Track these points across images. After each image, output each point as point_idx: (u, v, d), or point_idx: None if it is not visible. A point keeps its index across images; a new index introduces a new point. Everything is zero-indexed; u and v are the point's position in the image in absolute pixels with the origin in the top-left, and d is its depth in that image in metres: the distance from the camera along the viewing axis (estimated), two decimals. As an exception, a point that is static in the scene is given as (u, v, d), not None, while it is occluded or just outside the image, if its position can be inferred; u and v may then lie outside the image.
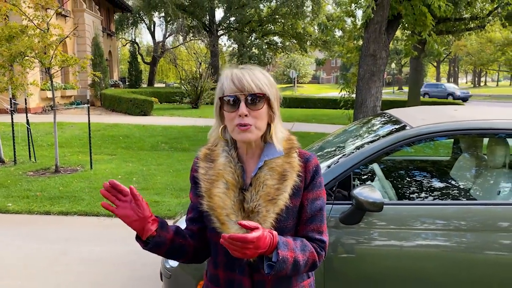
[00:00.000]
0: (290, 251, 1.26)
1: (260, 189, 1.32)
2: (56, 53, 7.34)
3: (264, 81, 1.33)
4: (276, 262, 1.22)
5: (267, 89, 1.32)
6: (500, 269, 2.33)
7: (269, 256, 1.24)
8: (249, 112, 1.30)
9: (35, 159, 8.57)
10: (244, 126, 1.29)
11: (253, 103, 1.30)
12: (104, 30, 25.49)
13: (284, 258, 1.23)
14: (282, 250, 1.23)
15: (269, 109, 1.35)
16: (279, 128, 1.38)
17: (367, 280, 2.40)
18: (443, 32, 17.45)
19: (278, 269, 1.23)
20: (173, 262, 2.83)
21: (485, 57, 48.19)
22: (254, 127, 1.31)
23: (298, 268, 1.29)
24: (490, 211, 2.42)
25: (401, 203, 2.68)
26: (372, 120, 3.39)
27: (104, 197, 1.28)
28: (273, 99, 1.35)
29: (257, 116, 1.31)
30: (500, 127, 2.57)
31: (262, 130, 1.34)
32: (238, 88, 1.30)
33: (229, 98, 1.31)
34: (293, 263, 1.25)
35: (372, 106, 8.11)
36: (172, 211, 5.45)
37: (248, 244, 1.15)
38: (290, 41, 34.17)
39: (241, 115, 1.29)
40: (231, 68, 1.36)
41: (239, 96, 1.30)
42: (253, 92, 1.30)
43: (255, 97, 1.30)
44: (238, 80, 1.30)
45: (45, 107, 17.77)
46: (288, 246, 1.26)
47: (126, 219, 1.29)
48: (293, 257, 1.25)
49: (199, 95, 20.78)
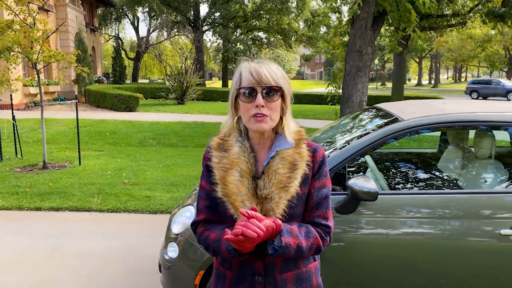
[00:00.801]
0: (294, 238, 1.36)
1: (273, 177, 1.41)
2: (43, 48, 7.28)
3: (280, 75, 1.41)
4: (279, 247, 1.33)
5: (282, 83, 1.41)
6: (485, 255, 2.47)
7: (273, 240, 1.35)
8: (265, 104, 1.37)
9: (21, 156, 8.48)
10: (260, 117, 1.37)
11: (269, 95, 1.38)
12: (87, 25, 25.14)
13: (287, 244, 1.34)
14: (285, 237, 1.34)
15: (283, 102, 1.43)
16: (290, 121, 1.47)
17: (361, 267, 2.52)
18: (426, 29, 17.75)
19: (281, 253, 1.34)
20: (172, 253, 2.89)
21: (465, 53, 49.05)
22: (269, 118, 1.39)
23: (302, 252, 1.39)
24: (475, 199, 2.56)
25: (394, 193, 2.79)
26: (364, 113, 3.49)
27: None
28: (286, 93, 1.43)
29: (272, 108, 1.39)
30: (488, 120, 2.69)
31: (275, 122, 1.42)
32: (256, 80, 1.38)
33: (246, 89, 1.39)
34: (296, 248, 1.37)
35: (359, 101, 8.25)
36: (164, 205, 5.49)
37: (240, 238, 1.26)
38: (275, 37, 34.26)
39: (258, 106, 1.37)
40: (249, 61, 1.44)
41: (257, 88, 1.38)
42: (270, 85, 1.38)
43: (272, 90, 1.38)
44: (256, 73, 1.38)
45: (28, 103, 17.50)
46: (292, 233, 1.37)
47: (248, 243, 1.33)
48: (296, 243, 1.36)
49: (185, 91, 20.70)
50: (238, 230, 1.24)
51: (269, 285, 1.44)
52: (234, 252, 1.36)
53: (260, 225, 1.27)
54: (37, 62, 7.31)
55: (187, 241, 2.79)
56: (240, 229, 1.25)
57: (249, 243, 1.28)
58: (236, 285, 1.48)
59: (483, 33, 45.07)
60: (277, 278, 1.44)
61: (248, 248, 1.32)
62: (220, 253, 1.43)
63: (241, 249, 1.33)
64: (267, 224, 1.30)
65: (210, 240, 1.46)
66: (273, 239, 1.35)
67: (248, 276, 1.45)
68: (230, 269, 1.50)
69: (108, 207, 5.44)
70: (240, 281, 1.47)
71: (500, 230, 2.43)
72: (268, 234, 1.31)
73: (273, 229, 1.32)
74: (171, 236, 2.93)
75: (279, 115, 1.43)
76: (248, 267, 1.45)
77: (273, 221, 1.33)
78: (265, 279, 1.44)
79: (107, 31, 37.32)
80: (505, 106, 2.92)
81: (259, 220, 1.28)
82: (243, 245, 1.29)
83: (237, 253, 1.36)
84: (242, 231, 1.24)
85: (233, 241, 1.27)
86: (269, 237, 1.33)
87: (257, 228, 1.25)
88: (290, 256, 1.38)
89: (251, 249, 1.34)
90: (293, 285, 1.46)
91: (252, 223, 1.26)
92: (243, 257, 1.39)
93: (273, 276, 1.44)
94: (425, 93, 33.57)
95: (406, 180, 3.33)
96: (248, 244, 1.29)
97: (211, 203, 1.50)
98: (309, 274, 1.50)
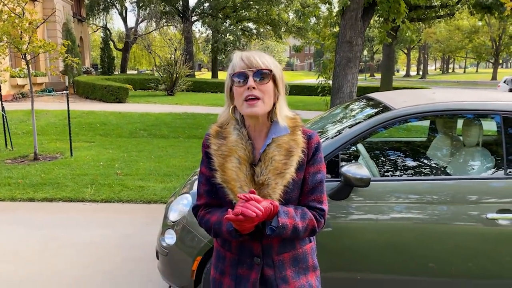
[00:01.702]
0: (290, 219, 1.44)
1: (269, 164, 1.47)
2: (33, 39, 7.21)
3: (270, 61, 1.49)
4: (276, 227, 1.41)
5: (273, 66, 1.48)
6: (472, 239, 2.57)
7: (270, 221, 1.42)
8: (256, 86, 1.44)
9: (12, 147, 8.43)
10: (252, 100, 1.43)
11: (260, 77, 1.45)
12: (75, 16, 24.80)
13: (284, 224, 1.42)
14: (282, 218, 1.42)
15: (275, 87, 1.49)
16: (283, 108, 1.53)
17: (352, 252, 2.61)
18: (415, 20, 17.86)
19: (278, 233, 1.42)
20: (169, 240, 2.95)
21: (453, 44, 49.49)
22: (261, 102, 1.45)
23: (298, 233, 1.47)
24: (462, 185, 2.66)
25: (385, 180, 2.88)
26: (356, 103, 3.57)
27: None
28: (278, 78, 1.50)
29: (264, 90, 1.45)
30: (475, 108, 2.78)
31: (268, 106, 1.48)
32: (246, 65, 1.45)
33: (238, 74, 1.46)
34: (292, 228, 1.44)
35: (349, 92, 8.34)
36: (158, 195, 5.54)
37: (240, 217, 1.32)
38: (264, 28, 34.17)
39: (250, 88, 1.43)
40: (241, 51, 1.52)
41: (248, 72, 1.45)
42: (260, 68, 1.45)
43: (262, 73, 1.45)
44: (247, 58, 1.46)
45: (16, 94, 17.30)
46: (289, 214, 1.45)
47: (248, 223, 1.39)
48: (292, 223, 1.44)
49: (175, 82, 20.60)
50: (238, 210, 1.31)
51: (267, 265, 1.52)
52: (235, 232, 1.43)
53: (258, 205, 1.34)
54: (26, 52, 7.25)
55: (184, 228, 2.85)
56: (240, 209, 1.31)
57: (248, 223, 1.35)
58: (235, 266, 1.55)
59: (470, 25, 45.45)
60: (275, 259, 1.52)
61: (248, 228, 1.39)
62: (221, 234, 1.49)
63: (241, 229, 1.39)
64: (265, 206, 1.37)
65: (212, 223, 1.52)
66: (270, 220, 1.42)
67: (247, 258, 1.53)
68: (230, 250, 1.57)
69: (102, 198, 5.47)
70: (239, 262, 1.54)
71: (487, 214, 2.53)
72: (266, 215, 1.38)
73: (271, 211, 1.39)
74: (168, 224, 2.99)
75: (272, 100, 1.49)
76: (246, 249, 1.53)
77: (271, 203, 1.40)
78: (263, 260, 1.52)
79: (94, 22, 36.81)
80: (494, 96, 3.02)
81: (257, 202, 1.35)
82: (242, 225, 1.36)
83: (237, 233, 1.43)
84: (241, 211, 1.31)
85: (233, 220, 1.33)
86: (267, 218, 1.40)
87: (255, 208, 1.32)
88: (287, 236, 1.45)
89: (250, 229, 1.41)
90: (290, 266, 1.53)
91: (251, 204, 1.33)
92: (243, 238, 1.46)
93: (271, 257, 1.52)
94: (413, 84, 33.83)
95: (396, 168, 3.42)
96: (247, 224, 1.36)
97: (211, 188, 1.56)
98: (305, 254, 1.57)
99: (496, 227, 2.54)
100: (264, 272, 1.52)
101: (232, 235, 1.45)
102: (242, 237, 1.45)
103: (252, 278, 1.52)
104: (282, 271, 1.52)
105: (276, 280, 1.52)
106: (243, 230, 1.40)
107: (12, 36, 6.97)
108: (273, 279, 1.52)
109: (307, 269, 1.57)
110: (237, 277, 1.54)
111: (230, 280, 1.56)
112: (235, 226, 1.39)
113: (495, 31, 45.06)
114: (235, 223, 1.36)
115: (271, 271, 1.52)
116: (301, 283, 1.54)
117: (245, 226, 1.37)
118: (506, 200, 2.57)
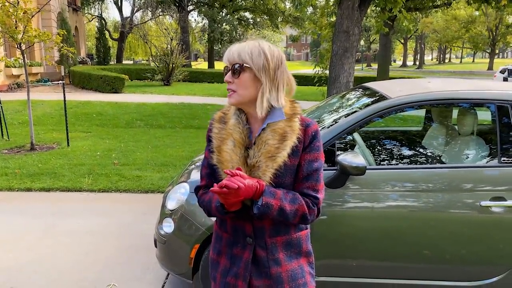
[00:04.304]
0: (276, 200, 1.47)
1: (262, 147, 1.51)
2: (28, 28, 7.16)
3: (249, 52, 1.50)
4: (260, 205, 1.45)
5: (249, 59, 1.49)
6: (466, 226, 2.61)
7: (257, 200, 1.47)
8: (232, 80, 1.51)
9: (8, 137, 8.41)
10: (229, 92, 1.53)
11: (235, 71, 1.51)
12: (70, 5, 24.56)
13: (268, 204, 1.45)
14: (266, 197, 1.46)
15: (255, 78, 1.51)
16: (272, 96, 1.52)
17: (347, 239, 2.65)
18: (412, 9, 17.81)
19: (262, 212, 1.46)
20: (167, 228, 2.98)
21: (450, 34, 49.38)
22: (236, 94, 1.52)
23: (286, 216, 1.49)
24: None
25: (381, 168, 2.92)
26: (352, 92, 3.59)
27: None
28: (256, 70, 1.50)
29: (238, 83, 1.51)
30: (469, 97, 2.81)
31: (243, 97, 1.52)
32: (228, 58, 1.53)
33: (224, 67, 1.56)
34: (278, 209, 1.47)
35: (345, 82, 8.35)
36: (155, 185, 5.56)
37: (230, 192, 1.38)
38: (261, 17, 33.96)
39: (226, 82, 1.53)
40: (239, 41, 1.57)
41: (228, 65, 1.53)
42: (234, 62, 1.51)
43: (235, 67, 1.51)
44: (228, 51, 1.53)
45: (11, 84, 17.19)
46: (275, 195, 1.48)
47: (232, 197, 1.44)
48: (278, 204, 1.47)
49: (171, 72, 20.50)
50: (222, 183, 1.37)
51: (260, 247, 1.57)
52: (221, 208, 1.50)
53: (242, 180, 1.40)
54: (21, 42, 7.20)
55: (182, 216, 2.88)
56: (224, 182, 1.37)
57: (233, 197, 1.40)
58: (230, 246, 1.62)
59: (467, 14, 45.35)
60: (267, 241, 1.56)
61: (232, 203, 1.45)
62: (211, 211, 1.58)
63: (227, 204, 1.45)
64: (250, 182, 1.42)
65: (205, 202, 1.61)
66: (257, 200, 1.46)
67: (241, 238, 1.59)
68: (226, 231, 1.64)
69: (99, 187, 5.49)
70: (234, 242, 1.61)
71: (481, 202, 2.57)
72: (252, 192, 1.43)
73: (257, 189, 1.44)
74: (166, 212, 3.01)
75: (250, 91, 1.52)
76: (240, 230, 1.59)
77: (257, 181, 1.45)
78: (256, 241, 1.57)
79: (90, 11, 36.51)
80: (488, 85, 3.04)
81: (242, 178, 1.41)
82: (227, 199, 1.42)
83: (224, 209, 1.50)
84: (225, 184, 1.37)
85: (218, 193, 1.39)
86: (254, 197, 1.45)
87: (239, 182, 1.38)
88: (274, 217, 1.49)
89: (237, 206, 1.48)
90: (283, 249, 1.58)
91: (236, 178, 1.40)
92: (230, 215, 1.52)
93: (264, 239, 1.56)
94: (410, 74, 33.84)
95: (392, 156, 3.46)
96: (232, 198, 1.41)
97: (211, 170, 1.63)
98: (299, 240, 1.61)
99: (490, 214, 2.58)
100: (257, 252, 1.57)
101: (219, 211, 1.52)
102: (228, 214, 1.51)
103: (244, 257, 1.58)
104: (274, 254, 1.57)
105: (268, 261, 1.56)
106: (229, 205, 1.46)
107: (7, 25, 6.92)
108: (265, 260, 1.56)
109: (299, 254, 1.61)
110: (232, 256, 1.61)
111: (226, 260, 1.63)
112: (220, 200, 1.46)
113: (492, 21, 45.02)
114: (220, 197, 1.42)
115: (263, 253, 1.56)
116: (293, 267, 1.58)
117: (230, 200, 1.42)
118: (500, 188, 2.61)
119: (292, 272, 1.57)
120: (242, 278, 1.57)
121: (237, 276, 1.58)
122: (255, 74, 1.50)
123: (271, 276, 1.56)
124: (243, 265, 1.57)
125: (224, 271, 1.62)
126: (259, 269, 1.57)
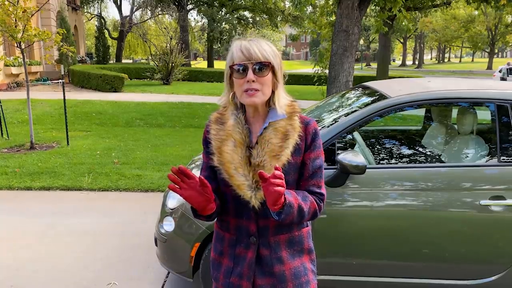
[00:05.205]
0: (294, 198, 1.47)
1: (266, 146, 1.52)
2: (27, 27, 7.16)
3: (269, 51, 1.50)
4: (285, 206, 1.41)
5: (272, 59, 1.50)
6: (466, 225, 2.62)
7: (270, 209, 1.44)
8: (256, 79, 1.47)
9: (8, 136, 8.41)
10: (252, 91, 1.47)
11: (259, 70, 1.48)
12: (69, 4, 24.55)
13: (291, 203, 1.44)
14: (288, 196, 1.44)
15: (273, 77, 1.53)
16: (282, 95, 1.56)
17: (347, 238, 2.66)
18: (411, 9, 17.82)
19: (286, 213, 1.43)
20: (168, 227, 2.99)
21: (449, 33, 49.40)
22: (261, 93, 1.49)
23: (303, 214, 1.50)
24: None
25: (381, 167, 2.92)
26: (353, 92, 3.60)
27: (170, 180, 1.38)
28: (277, 68, 1.52)
29: (263, 82, 1.49)
30: (469, 96, 2.82)
31: (267, 96, 1.52)
32: (246, 57, 1.47)
33: (238, 66, 1.49)
34: (298, 208, 1.46)
35: (345, 81, 8.35)
36: (155, 184, 5.57)
37: (277, 181, 1.31)
38: (260, 16, 33.92)
39: (249, 81, 1.47)
40: (240, 39, 1.53)
41: (247, 64, 1.47)
42: (259, 61, 1.47)
43: (261, 65, 1.48)
44: (247, 50, 1.48)
45: (10, 83, 17.18)
46: (292, 194, 1.48)
47: (190, 199, 1.42)
48: (297, 203, 1.47)
49: (170, 71, 20.49)
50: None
51: (263, 246, 1.57)
52: (194, 211, 1.53)
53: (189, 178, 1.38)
54: (21, 41, 7.20)
55: (182, 215, 2.89)
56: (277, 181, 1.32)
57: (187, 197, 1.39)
58: (233, 246, 1.61)
59: (466, 14, 45.35)
60: (271, 240, 1.57)
61: (197, 206, 1.44)
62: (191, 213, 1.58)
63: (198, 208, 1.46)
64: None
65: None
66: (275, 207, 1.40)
67: (244, 238, 1.59)
68: (228, 231, 1.63)
69: (99, 186, 5.50)
70: (237, 242, 1.60)
71: (480, 201, 2.58)
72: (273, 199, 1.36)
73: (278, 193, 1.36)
74: (167, 211, 3.02)
75: (271, 89, 1.53)
76: (243, 229, 1.59)
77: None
78: (259, 240, 1.57)
79: (89, 10, 36.44)
80: (488, 84, 3.05)
81: (186, 175, 1.37)
82: (188, 200, 1.41)
83: (195, 212, 1.52)
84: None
85: (270, 184, 1.31)
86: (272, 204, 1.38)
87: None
88: (294, 217, 1.45)
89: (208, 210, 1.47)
90: (285, 247, 1.59)
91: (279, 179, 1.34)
92: (201, 219, 1.54)
93: (267, 238, 1.57)
94: (409, 74, 33.84)
95: (392, 155, 3.47)
96: (190, 200, 1.40)
97: (209, 173, 1.62)
98: (301, 237, 1.62)
99: (489, 213, 2.59)
100: (260, 252, 1.57)
101: (193, 213, 1.54)
102: (199, 218, 1.53)
103: (248, 257, 1.58)
104: (277, 252, 1.57)
105: (272, 260, 1.57)
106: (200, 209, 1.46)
107: (6, 24, 6.91)
108: (269, 259, 1.57)
109: (302, 252, 1.62)
110: (235, 256, 1.60)
111: (229, 260, 1.62)
112: (265, 193, 1.36)
113: (491, 20, 45.05)
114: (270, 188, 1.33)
115: (267, 251, 1.57)
116: (296, 265, 1.59)
117: (191, 201, 1.41)
118: (499, 187, 2.62)
119: (295, 270, 1.58)
120: (246, 277, 1.58)
121: (241, 276, 1.58)
122: (274, 72, 1.51)
123: (275, 275, 1.56)
124: (247, 265, 1.58)
125: (227, 272, 1.62)
126: (263, 268, 1.57)
